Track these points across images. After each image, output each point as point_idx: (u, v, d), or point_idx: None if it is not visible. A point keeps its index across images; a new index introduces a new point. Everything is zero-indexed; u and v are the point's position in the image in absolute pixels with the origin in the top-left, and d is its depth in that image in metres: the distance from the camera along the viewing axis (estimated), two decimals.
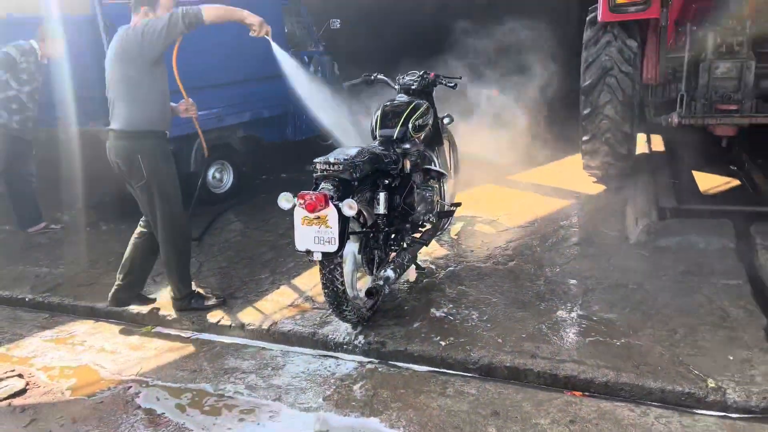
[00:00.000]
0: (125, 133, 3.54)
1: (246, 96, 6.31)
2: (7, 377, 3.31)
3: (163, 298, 4.13)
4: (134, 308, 4.02)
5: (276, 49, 3.91)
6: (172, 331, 3.84)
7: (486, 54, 9.11)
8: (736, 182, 6.11)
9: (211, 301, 3.92)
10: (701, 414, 2.71)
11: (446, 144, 4.76)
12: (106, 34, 4.99)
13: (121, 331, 3.87)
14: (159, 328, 3.89)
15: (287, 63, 4.16)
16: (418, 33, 10.57)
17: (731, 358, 2.99)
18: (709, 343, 3.13)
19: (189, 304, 3.87)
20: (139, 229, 3.94)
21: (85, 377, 3.33)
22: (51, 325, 4.01)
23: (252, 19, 3.55)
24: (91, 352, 3.60)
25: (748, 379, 2.83)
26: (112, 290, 3.87)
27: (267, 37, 3.65)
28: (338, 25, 7.55)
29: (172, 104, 3.82)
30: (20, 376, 3.33)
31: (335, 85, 7.83)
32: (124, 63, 3.45)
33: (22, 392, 3.18)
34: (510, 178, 6.36)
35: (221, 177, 6.31)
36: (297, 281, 4.28)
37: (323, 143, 8.11)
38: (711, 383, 2.82)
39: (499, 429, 2.66)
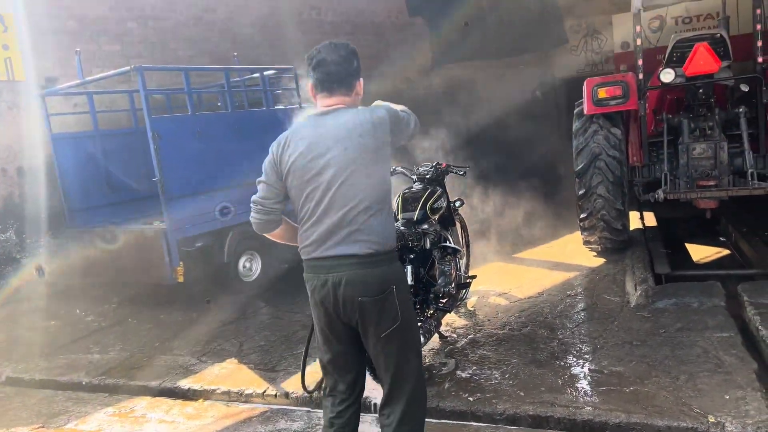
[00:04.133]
0: (379, 257, 2.51)
1: None
2: None
3: (208, 371, 4.55)
4: (186, 384, 4.42)
5: None
6: (223, 403, 4.22)
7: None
8: (725, 251, 6.66)
9: None
10: None
11: (458, 225, 5.33)
12: (154, 143, 5.68)
13: (177, 405, 4.25)
14: (210, 401, 4.28)
15: None
16: (421, 129, 11.46)
17: (727, 397, 3.39)
18: (708, 386, 3.54)
19: None
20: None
21: None
22: (112, 402, 4.41)
23: None
24: (153, 423, 3.99)
25: (743, 413, 3.22)
26: None
27: None
28: None
29: None
30: None
31: None
32: (376, 159, 2.53)
33: None
34: (516, 256, 6.89)
35: (251, 266, 6.84)
36: None
37: None
38: (711, 419, 3.21)
39: None
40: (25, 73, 7.40)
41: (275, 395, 4.14)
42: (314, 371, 4.35)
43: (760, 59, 5.67)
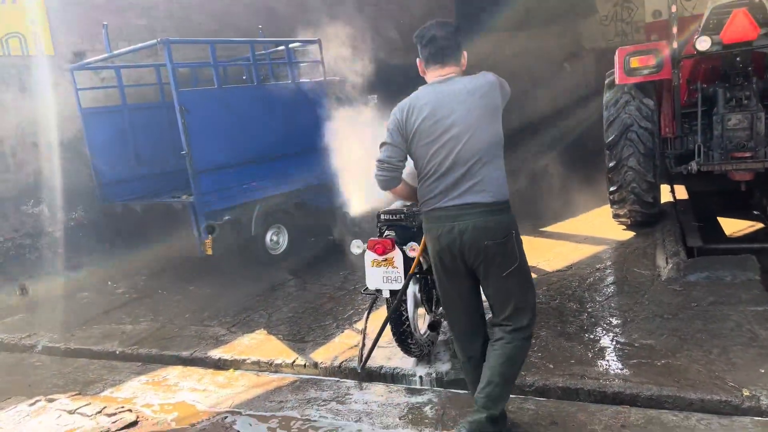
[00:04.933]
0: (499, 205, 2.83)
1: (297, 166, 6.97)
2: (119, 412, 3.79)
3: (238, 342, 4.62)
4: (216, 354, 4.50)
5: None
6: (253, 372, 4.29)
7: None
8: (759, 225, 6.50)
9: None
10: (738, 418, 3.05)
11: None
12: (182, 117, 5.71)
13: (208, 374, 4.33)
14: (240, 371, 4.34)
15: None
16: None
17: (762, 371, 3.33)
18: (742, 359, 3.48)
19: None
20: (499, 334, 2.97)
21: (185, 411, 3.80)
22: (145, 371, 4.51)
23: None
24: (185, 391, 4.07)
25: None
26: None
27: None
28: (376, 101, 8.27)
29: None
30: (129, 411, 3.80)
31: None
32: (494, 117, 2.84)
33: (134, 424, 3.65)
34: (543, 230, 6.82)
35: (278, 240, 6.89)
36: (359, 325, 4.73)
37: None
38: (746, 392, 3.16)
39: None
40: (54, 48, 7.46)
41: (304, 365, 4.19)
42: (342, 341, 4.40)
43: None
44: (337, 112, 7.88)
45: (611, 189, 6.15)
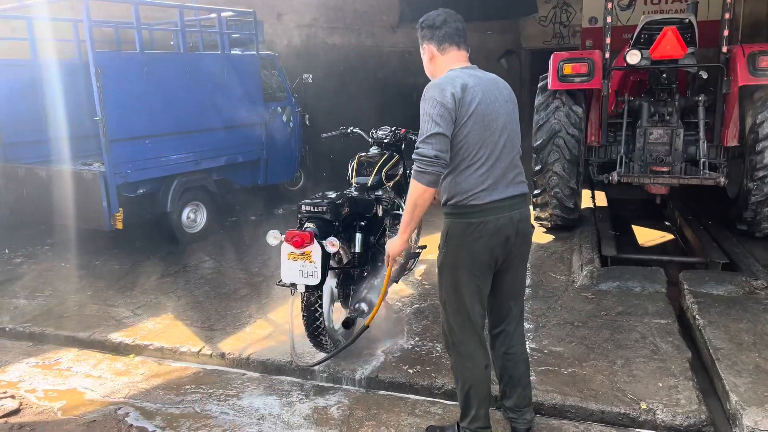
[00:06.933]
0: (527, 198, 2.87)
1: (221, 142, 6.68)
2: (1, 398, 3.48)
3: (142, 326, 4.37)
4: (117, 338, 4.24)
5: None
6: (155, 360, 4.06)
7: None
8: (670, 236, 6.80)
9: None
10: (635, 430, 3.13)
11: None
12: (97, 80, 5.31)
13: (106, 359, 4.07)
14: (141, 357, 4.11)
15: None
16: (382, 89, 11.22)
17: (661, 384, 3.45)
18: (643, 372, 3.59)
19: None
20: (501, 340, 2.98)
21: (75, 400, 3.54)
22: (36, 352, 4.19)
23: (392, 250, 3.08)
24: (78, 377, 3.80)
25: (674, 401, 3.28)
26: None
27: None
28: (310, 80, 8.05)
29: None
30: (12, 397, 3.51)
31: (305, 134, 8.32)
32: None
33: (16, 412, 3.37)
34: None
35: (195, 218, 6.59)
36: (272, 316, 4.58)
37: (291, 189, 8.55)
38: (643, 405, 3.26)
39: None
40: None
41: (211, 355, 4.00)
42: (253, 332, 4.24)
43: (724, 49, 5.67)
44: (267, 91, 7.62)
45: (535, 192, 6.24)
